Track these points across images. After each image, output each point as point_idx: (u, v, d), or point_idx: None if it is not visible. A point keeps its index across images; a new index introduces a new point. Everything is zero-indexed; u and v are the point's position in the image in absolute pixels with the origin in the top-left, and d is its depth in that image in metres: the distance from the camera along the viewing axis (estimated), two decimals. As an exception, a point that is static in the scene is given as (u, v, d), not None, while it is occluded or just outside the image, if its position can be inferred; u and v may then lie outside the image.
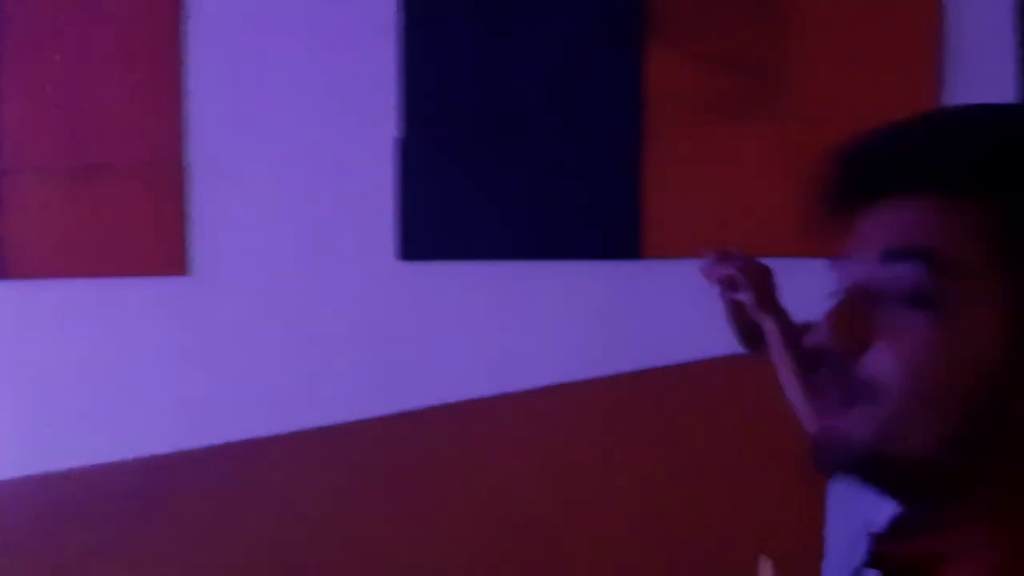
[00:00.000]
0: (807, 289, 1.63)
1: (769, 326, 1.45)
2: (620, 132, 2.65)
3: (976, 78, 2.60)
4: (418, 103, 2.75)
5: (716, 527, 2.59)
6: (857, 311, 0.55)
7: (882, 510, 1.44)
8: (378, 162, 2.76)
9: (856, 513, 1.50)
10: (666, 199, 2.62)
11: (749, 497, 2.57)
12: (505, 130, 2.71)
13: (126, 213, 2.94)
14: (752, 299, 1.46)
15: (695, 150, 2.62)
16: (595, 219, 2.68)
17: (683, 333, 2.58)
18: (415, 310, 2.77)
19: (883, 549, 0.61)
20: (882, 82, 2.62)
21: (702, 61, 2.62)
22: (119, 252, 2.96)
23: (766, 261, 1.60)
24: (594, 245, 2.68)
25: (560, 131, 2.69)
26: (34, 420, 3.06)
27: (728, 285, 1.51)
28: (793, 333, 1.45)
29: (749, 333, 1.71)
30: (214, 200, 2.87)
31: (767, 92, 2.62)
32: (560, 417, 2.71)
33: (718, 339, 2.28)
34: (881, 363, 0.53)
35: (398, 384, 2.77)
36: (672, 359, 2.62)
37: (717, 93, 2.62)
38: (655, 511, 2.64)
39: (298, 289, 2.83)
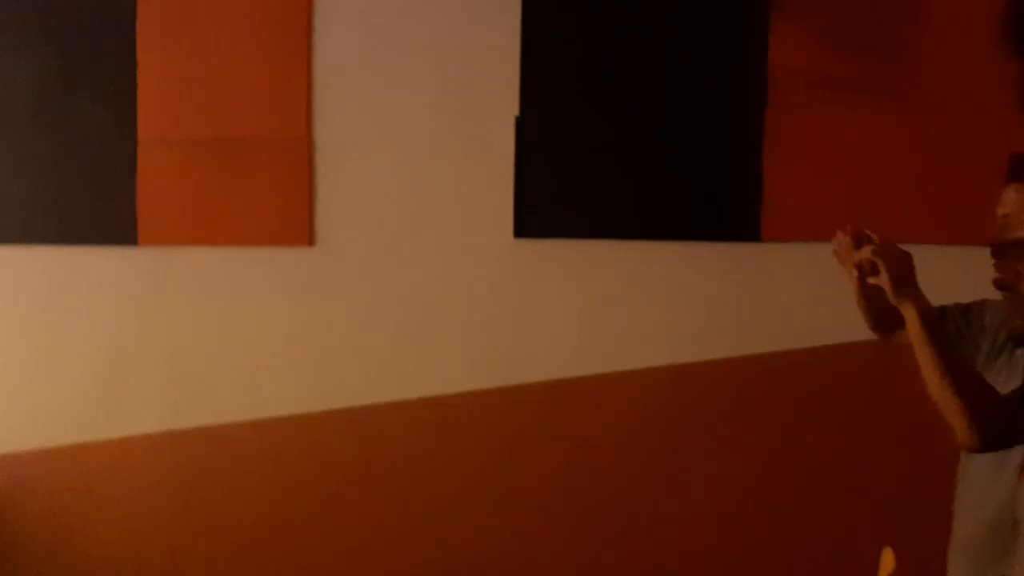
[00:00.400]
0: (938, 275, 1.61)
1: (909, 312, 1.42)
2: (742, 112, 2.62)
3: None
4: (537, 83, 2.78)
5: (834, 514, 2.56)
6: None
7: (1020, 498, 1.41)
8: (498, 141, 2.81)
9: (988, 500, 1.48)
10: (788, 181, 2.59)
11: (868, 485, 2.53)
12: (625, 110, 2.72)
13: (255, 185, 3.07)
14: (891, 284, 1.43)
15: (820, 131, 2.57)
16: (714, 200, 2.66)
17: (801, 318, 2.55)
18: (529, 287, 2.81)
19: None
20: (1010, 65, 2.52)
21: (829, 41, 2.57)
22: (248, 222, 3.09)
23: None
24: (713, 226, 2.66)
25: (681, 111, 2.68)
26: (166, 380, 3.23)
27: (865, 269, 1.49)
28: (934, 318, 1.42)
29: (882, 319, 1.69)
30: (339, 175, 2.97)
31: (895, 73, 2.55)
32: (670, 399, 2.71)
33: (839, 325, 2.25)
34: None
35: (510, 359, 2.82)
36: (789, 345, 2.59)
37: (843, 74, 2.56)
38: (765, 495, 2.62)
39: (417, 263, 2.90)
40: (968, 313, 1.63)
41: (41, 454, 3.39)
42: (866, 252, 1.48)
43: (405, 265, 2.92)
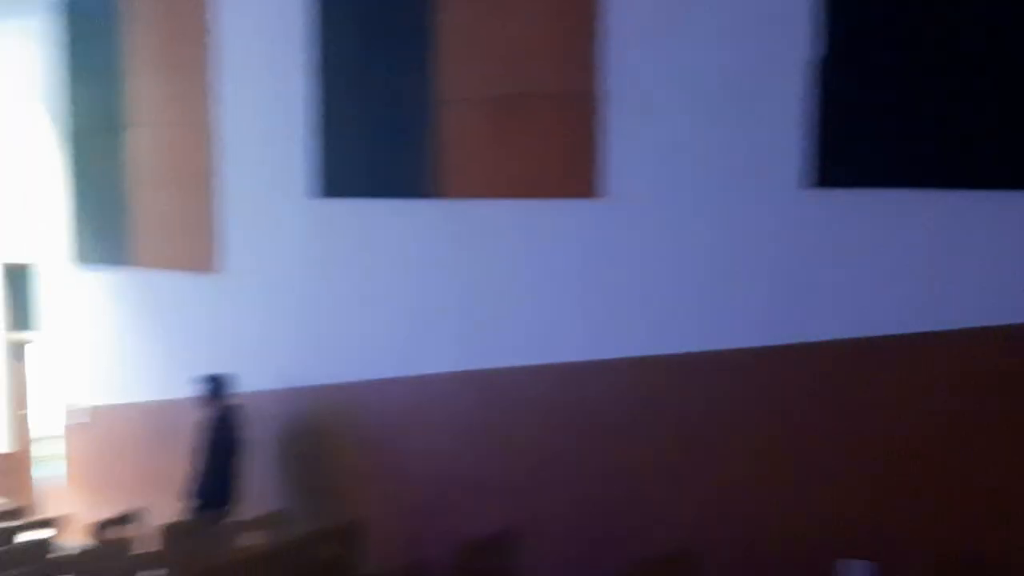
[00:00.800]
0: None
1: None
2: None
3: None
4: (840, 21, 2.60)
5: None
6: None
7: None
8: (790, 87, 2.68)
9: None
10: None
11: None
12: (935, 48, 2.48)
13: (545, 140, 3.17)
14: None
15: None
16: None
17: None
18: (825, 240, 2.67)
19: None
20: None
21: None
22: (539, 175, 3.20)
23: None
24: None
25: (996, 49, 2.40)
26: (462, 323, 3.46)
27: None
28: None
29: None
30: (626, 127, 2.98)
31: None
32: (987, 362, 2.46)
33: None
34: None
35: (801, 314, 2.71)
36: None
37: None
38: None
39: (704, 213, 2.86)
40: None
41: (356, 386, 3.77)
42: None
43: (692, 216, 2.88)
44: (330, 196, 3.84)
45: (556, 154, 3.14)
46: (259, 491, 3.90)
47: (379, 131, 3.65)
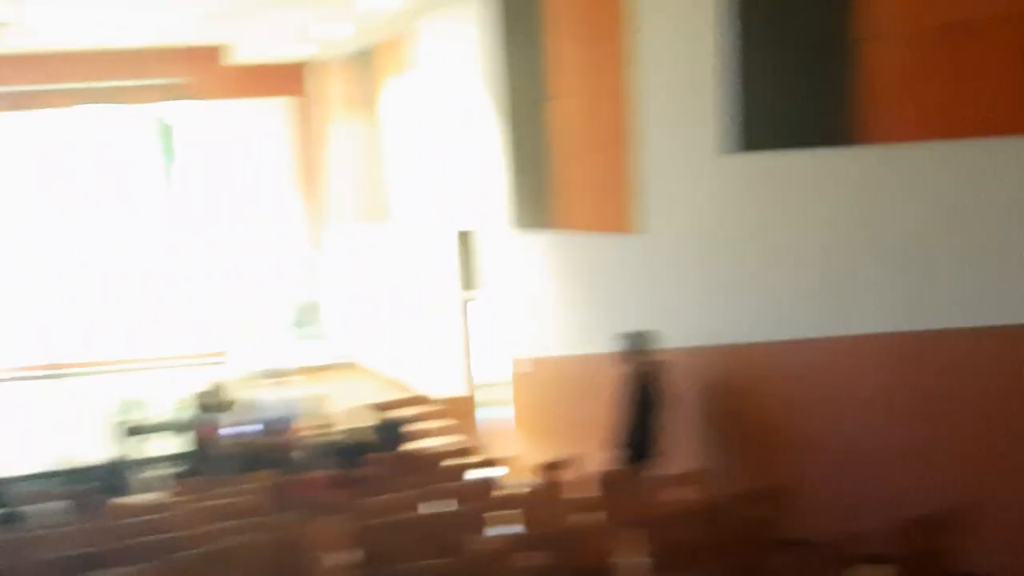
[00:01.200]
0: None
1: None
2: None
3: None
4: None
5: None
6: None
7: None
8: None
9: None
10: None
11: None
12: None
13: (992, 70, 2.78)
14: None
15: None
16: None
17: None
18: None
19: None
20: None
21: None
22: (984, 112, 2.83)
23: None
24: None
25: None
26: (891, 280, 3.20)
27: None
28: None
29: None
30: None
31: None
32: None
33: None
34: None
35: None
36: None
37: None
38: None
39: None
40: None
41: (776, 346, 3.68)
42: None
43: None
44: (746, 150, 3.75)
45: (1008, 86, 2.75)
46: (682, 447, 3.99)
47: (796, 78, 3.49)
